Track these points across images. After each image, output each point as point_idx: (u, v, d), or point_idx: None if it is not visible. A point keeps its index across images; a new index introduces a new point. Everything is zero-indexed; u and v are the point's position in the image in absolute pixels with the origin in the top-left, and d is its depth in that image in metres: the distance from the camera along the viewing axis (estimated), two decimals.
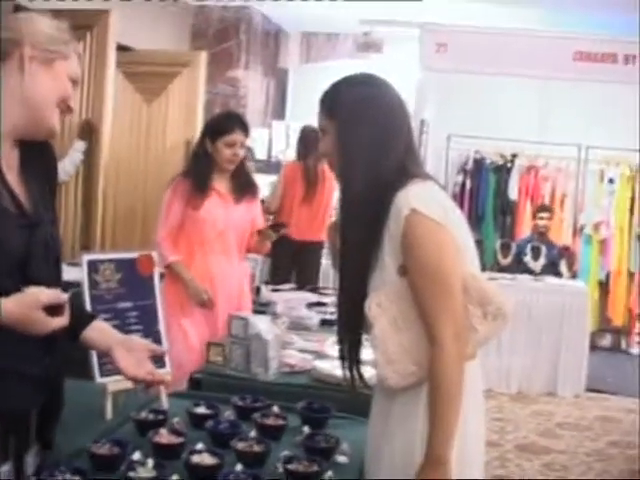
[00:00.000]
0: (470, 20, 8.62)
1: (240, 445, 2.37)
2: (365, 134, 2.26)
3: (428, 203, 2.18)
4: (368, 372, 2.44)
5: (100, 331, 2.28)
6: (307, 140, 7.42)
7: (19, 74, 2.01)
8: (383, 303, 2.20)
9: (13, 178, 2.05)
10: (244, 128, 4.45)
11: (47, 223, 2.09)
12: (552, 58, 8.42)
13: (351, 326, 2.35)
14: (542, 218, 8.25)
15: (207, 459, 2.25)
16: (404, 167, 2.26)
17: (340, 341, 2.41)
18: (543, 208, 8.50)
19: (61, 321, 1.93)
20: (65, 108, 2.10)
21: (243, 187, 4.52)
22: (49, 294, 1.90)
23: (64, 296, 1.94)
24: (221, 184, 4.47)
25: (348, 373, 2.42)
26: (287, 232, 7.27)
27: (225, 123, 4.47)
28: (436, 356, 2.12)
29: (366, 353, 2.38)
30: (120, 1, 7.53)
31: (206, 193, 4.39)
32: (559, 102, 8.97)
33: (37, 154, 2.14)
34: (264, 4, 9.70)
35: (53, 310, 1.90)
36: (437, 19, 8.07)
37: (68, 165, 6.10)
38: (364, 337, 2.35)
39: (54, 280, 2.03)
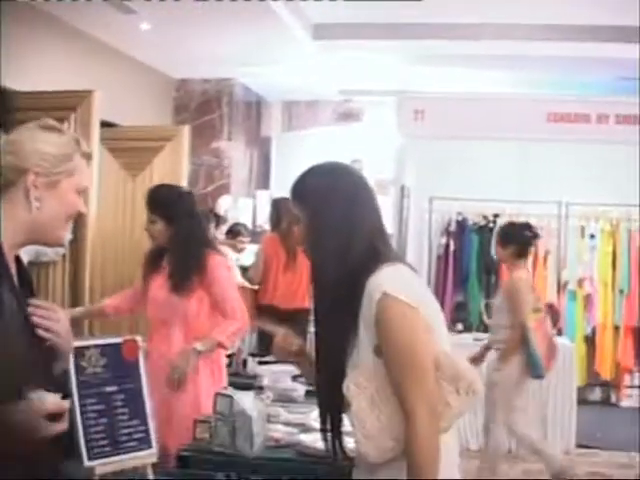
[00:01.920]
0: (446, 84, 8.80)
1: None
2: (332, 221, 2.38)
3: (399, 286, 2.28)
4: (350, 444, 2.50)
5: None
6: (279, 210, 7.58)
7: (25, 202, 2.06)
8: (361, 382, 2.28)
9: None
10: (148, 203, 4.37)
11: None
12: (527, 120, 8.60)
13: (331, 404, 2.44)
14: None
15: None
16: (374, 249, 2.38)
17: (321, 415, 2.52)
18: None
19: (61, 426, 1.96)
20: (76, 215, 2.17)
21: (178, 273, 4.31)
22: (53, 402, 1.94)
23: (66, 404, 1.98)
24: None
25: (330, 445, 2.51)
26: (273, 302, 7.38)
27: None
28: (411, 430, 2.21)
29: (347, 425, 2.45)
30: (102, 77, 7.69)
31: (153, 269, 4.42)
32: (537, 162, 9.13)
33: (21, 268, 2.22)
34: (244, 75, 9.89)
35: (54, 415, 1.94)
36: (414, 87, 8.24)
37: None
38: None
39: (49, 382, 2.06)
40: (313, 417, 3.87)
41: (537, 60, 7.97)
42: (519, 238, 6.00)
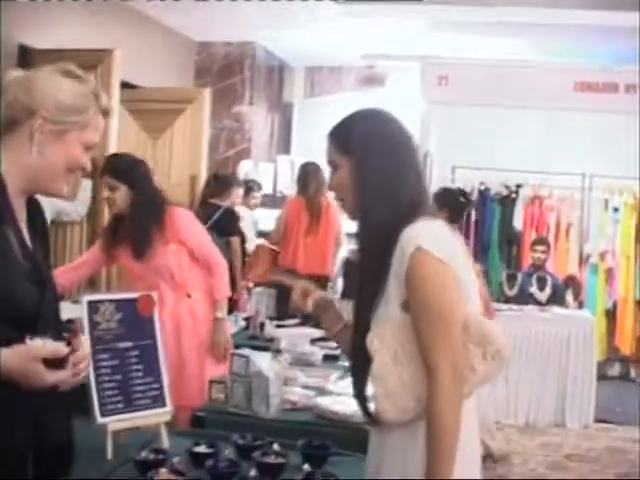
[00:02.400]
0: (471, 52, 8.67)
1: None
2: (380, 168, 2.29)
3: (434, 241, 2.20)
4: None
5: None
6: (307, 175, 7.52)
7: (28, 145, 2.01)
8: (385, 337, 2.21)
9: (24, 232, 2.08)
10: (109, 170, 4.31)
11: (52, 281, 2.13)
12: (553, 89, 8.47)
13: (358, 360, 2.35)
14: (536, 251, 8.23)
15: None
16: (414, 202, 2.29)
17: (352, 374, 2.44)
18: (538, 241, 8.50)
19: (61, 375, 1.93)
20: (77, 169, 2.11)
21: (136, 236, 4.31)
22: (48, 347, 1.90)
23: (64, 350, 1.93)
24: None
25: (360, 407, 2.41)
26: (294, 266, 7.33)
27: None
28: (434, 390, 2.13)
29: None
30: (125, 39, 7.62)
31: (115, 241, 4.40)
32: (562, 132, 9.02)
33: (35, 212, 2.17)
34: (267, 39, 9.78)
35: (54, 363, 1.91)
36: (438, 52, 8.12)
37: (80, 207, 6.18)
38: None
39: (59, 335, 2.02)
40: (331, 381, 3.83)
41: (565, 28, 7.82)
42: (452, 203, 6.07)
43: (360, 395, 2.38)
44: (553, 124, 9.04)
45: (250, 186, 8.54)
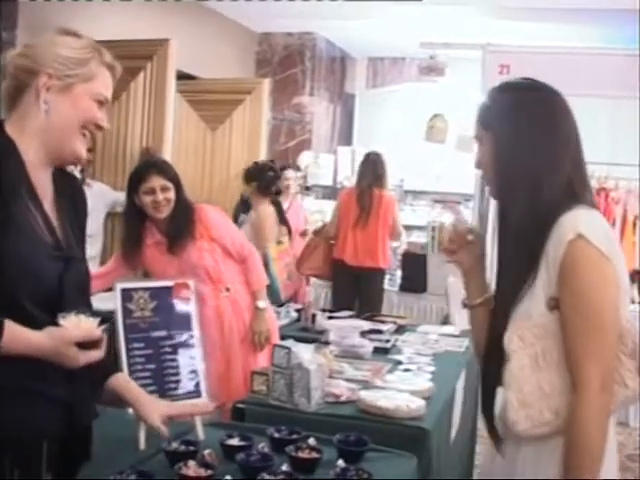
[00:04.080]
0: (533, 40, 8.49)
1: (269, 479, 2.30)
2: (525, 146, 2.07)
3: (596, 231, 1.99)
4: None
5: (126, 382, 2.33)
6: (363, 167, 7.43)
7: (36, 108, 1.99)
8: (526, 337, 2.00)
9: (49, 207, 2.04)
10: (161, 172, 4.21)
11: (80, 259, 2.09)
12: (619, 77, 8.21)
13: (490, 358, 2.15)
14: None
15: None
16: (570, 187, 2.06)
17: (482, 375, 2.22)
18: None
19: (95, 355, 1.93)
20: (94, 129, 2.08)
21: (178, 233, 4.25)
22: (81, 331, 1.89)
23: (97, 332, 1.92)
24: (156, 235, 4.31)
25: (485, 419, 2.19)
26: (343, 257, 7.25)
27: (139, 171, 4.28)
28: (578, 405, 1.92)
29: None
30: (186, 30, 7.63)
31: (138, 247, 4.29)
32: (629, 122, 8.76)
33: (69, 190, 2.14)
34: (328, 29, 9.71)
35: (87, 344, 1.90)
36: (500, 40, 7.95)
37: None
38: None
39: (87, 314, 1.98)
40: (382, 374, 3.73)
41: (630, 14, 7.61)
42: (260, 176, 6.54)
43: (487, 403, 2.16)
44: (619, 113, 8.79)
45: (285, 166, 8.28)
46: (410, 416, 3.11)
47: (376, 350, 4.30)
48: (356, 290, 7.26)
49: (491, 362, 2.10)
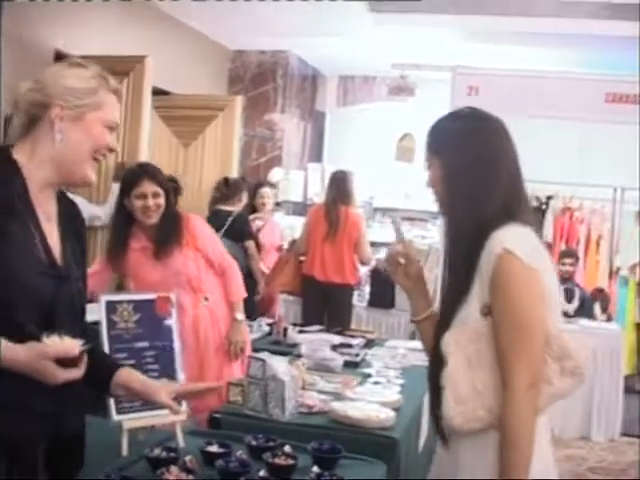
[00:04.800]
0: (502, 63, 8.68)
1: None
2: (465, 170, 2.26)
3: (523, 246, 2.16)
4: None
5: (129, 374, 2.37)
6: (330, 184, 7.57)
7: (50, 136, 2.11)
8: (461, 340, 2.18)
9: (50, 228, 2.14)
10: (153, 178, 4.28)
11: (76, 279, 2.18)
12: (584, 100, 8.40)
13: (437, 358, 2.28)
14: (564, 264, 8.19)
15: None
16: (506, 206, 2.24)
17: (428, 376, 2.37)
18: (566, 253, 8.45)
19: (73, 373, 1.98)
20: (106, 152, 2.20)
21: (166, 239, 4.33)
22: (60, 348, 1.94)
23: (75, 350, 1.97)
24: (142, 240, 4.37)
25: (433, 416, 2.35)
26: (313, 273, 7.38)
27: (132, 176, 4.36)
28: (507, 402, 2.10)
29: None
30: (160, 46, 7.72)
31: (124, 251, 4.34)
32: (594, 144, 8.99)
33: (69, 213, 2.25)
34: (301, 47, 9.85)
35: (67, 361, 1.95)
36: (469, 62, 8.13)
37: (108, 209, 6.22)
38: None
39: (77, 333, 2.06)
40: (351, 387, 3.86)
41: (596, 39, 7.82)
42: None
43: (433, 403, 2.31)
44: (584, 136, 9.00)
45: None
46: (380, 426, 3.24)
47: (346, 364, 4.43)
48: (325, 305, 7.37)
49: (436, 366, 2.27)
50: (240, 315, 4.55)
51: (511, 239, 2.16)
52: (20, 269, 2.00)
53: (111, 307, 2.81)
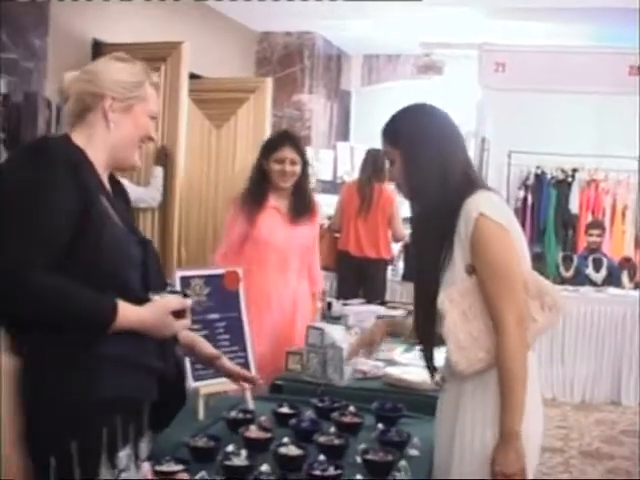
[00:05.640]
0: (527, 39, 8.81)
1: (322, 439, 2.64)
2: (429, 157, 2.58)
3: (495, 209, 2.51)
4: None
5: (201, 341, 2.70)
6: (364, 161, 7.79)
7: (104, 123, 2.32)
8: (454, 298, 2.49)
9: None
10: (294, 145, 4.46)
11: (151, 241, 2.45)
12: (608, 74, 8.56)
13: (428, 326, 2.64)
14: (592, 235, 8.39)
15: (293, 451, 2.52)
16: (469, 178, 2.60)
17: (419, 338, 2.73)
18: (594, 224, 8.64)
19: (185, 323, 2.32)
20: (147, 141, 2.44)
21: (302, 207, 4.52)
22: (177, 301, 2.29)
23: (188, 302, 2.33)
24: (279, 203, 4.49)
25: (425, 363, 2.75)
26: (347, 248, 7.60)
27: (274, 140, 4.58)
28: (502, 342, 2.43)
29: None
30: (188, 30, 7.89)
31: (261, 208, 4.42)
32: (617, 116, 9.08)
33: (119, 191, 2.48)
34: (326, 29, 10.01)
35: (179, 313, 2.28)
36: (495, 39, 8.27)
37: (154, 192, 6.44)
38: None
39: (164, 289, 2.36)
40: (397, 353, 4.08)
41: (619, 12, 7.93)
42: None
43: (428, 358, 2.72)
44: (608, 108, 9.09)
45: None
46: (434, 388, 3.45)
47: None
48: (360, 280, 7.60)
49: (426, 327, 2.65)
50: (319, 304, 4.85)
51: (484, 204, 2.49)
52: (121, 239, 2.24)
53: (185, 282, 3.03)
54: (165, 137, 6.74)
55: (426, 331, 2.65)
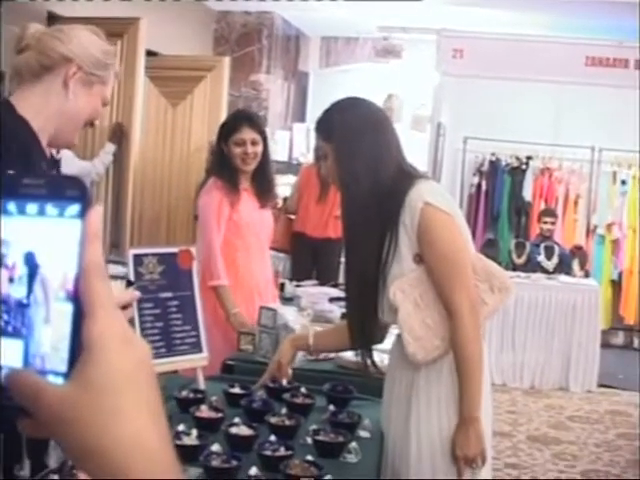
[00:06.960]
0: (485, 26, 8.85)
1: (273, 419, 2.63)
2: (362, 150, 2.59)
3: (438, 197, 2.55)
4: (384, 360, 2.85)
5: None
6: None
7: (62, 90, 2.17)
8: (405, 289, 2.51)
9: None
10: (253, 124, 4.28)
11: None
12: (565, 63, 8.63)
13: (365, 320, 2.70)
14: (546, 222, 8.49)
15: (244, 431, 2.52)
16: (404, 170, 2.63)
17: (354, 331, 2.77)
18: (547, 212, 8.75)
19: (128, 313, 2.11)
20: (89, 124, 2.31)
21: (266, 188, 4.42)
22: (128, 296, 2.10)
23: (136, 293, 2.17)
24: (246, 185, 4.36)
25: (361, 359, 2.84)
26: (305, 230, 7.60)
27: (232, 122, 4.39)
28: (457, 328, 2.46)
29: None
30: (145, 7, 7.80)
31: (238, 191, 4.29)
32: (573, 106, 9.18)
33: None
34: (285, 9, 9.96)
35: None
36: (454, 25, 8.29)
37: (98, 165, 6.39)
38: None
39: None
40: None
41: (577, 3, 8.00)
42: None
43: (364, 354, 2.83)
44: (564, 98, 9.19)
45: None
46: (383, 370, 3.46)
47: (343, 315, 4.63)
48: (315, 261, 7.61)
49: (362, 325, 2.72)
50: None
51: (427, 193, 2.53)
52: None
53: (138, 260, 2.99)
54: (121, 114, 6.69)
55: (364, 331, 2.70)
